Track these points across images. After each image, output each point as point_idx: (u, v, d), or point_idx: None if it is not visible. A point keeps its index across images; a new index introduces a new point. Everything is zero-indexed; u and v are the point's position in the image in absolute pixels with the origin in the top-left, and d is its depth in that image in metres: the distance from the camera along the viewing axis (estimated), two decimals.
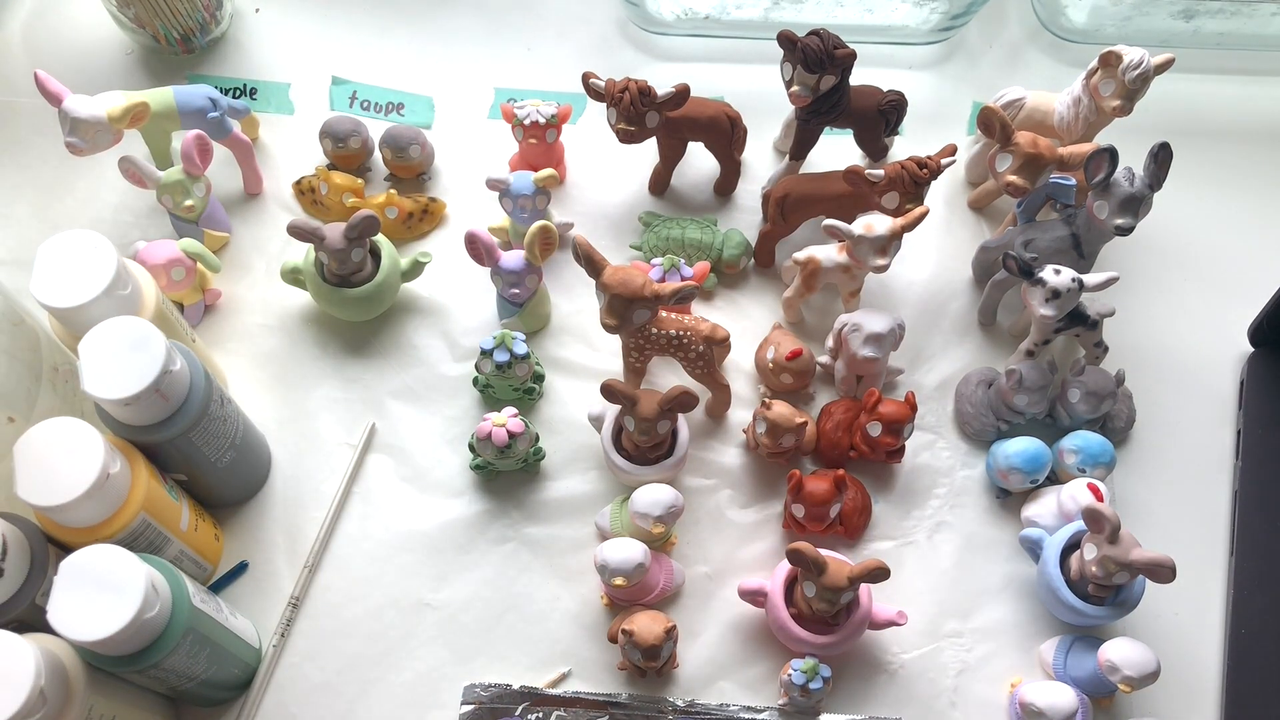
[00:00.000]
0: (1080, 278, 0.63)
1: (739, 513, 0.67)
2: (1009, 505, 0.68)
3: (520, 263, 0.67)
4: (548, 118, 0.71)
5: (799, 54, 0.65)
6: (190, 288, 0.68)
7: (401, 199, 0.74)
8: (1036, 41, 0.84)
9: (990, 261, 0.73)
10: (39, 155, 0.76)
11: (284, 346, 0.71)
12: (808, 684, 0.59)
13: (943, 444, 0.70)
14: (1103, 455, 0.65)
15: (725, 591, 0.65)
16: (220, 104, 0.71)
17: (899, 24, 0.81)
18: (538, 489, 0.68)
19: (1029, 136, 0.65)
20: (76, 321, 0.55)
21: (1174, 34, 0.81)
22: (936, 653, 0.64)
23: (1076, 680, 0.61)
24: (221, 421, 0.58)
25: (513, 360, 0.64)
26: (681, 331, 0.63)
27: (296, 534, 0.65)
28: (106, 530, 0.52)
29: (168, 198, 0.69)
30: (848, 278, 0.68)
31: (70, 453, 0.50)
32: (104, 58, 0.80)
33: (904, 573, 0.66)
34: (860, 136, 0.73)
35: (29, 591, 0.51)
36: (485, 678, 0.62)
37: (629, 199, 0.77)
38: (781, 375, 0.68)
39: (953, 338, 0.73)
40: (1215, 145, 0.80)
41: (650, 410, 0.59)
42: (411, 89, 0.80)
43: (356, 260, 0.66)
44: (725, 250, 0.73)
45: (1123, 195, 0.63)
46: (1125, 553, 0.56)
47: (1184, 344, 0.73)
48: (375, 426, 0.69)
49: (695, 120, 0.71)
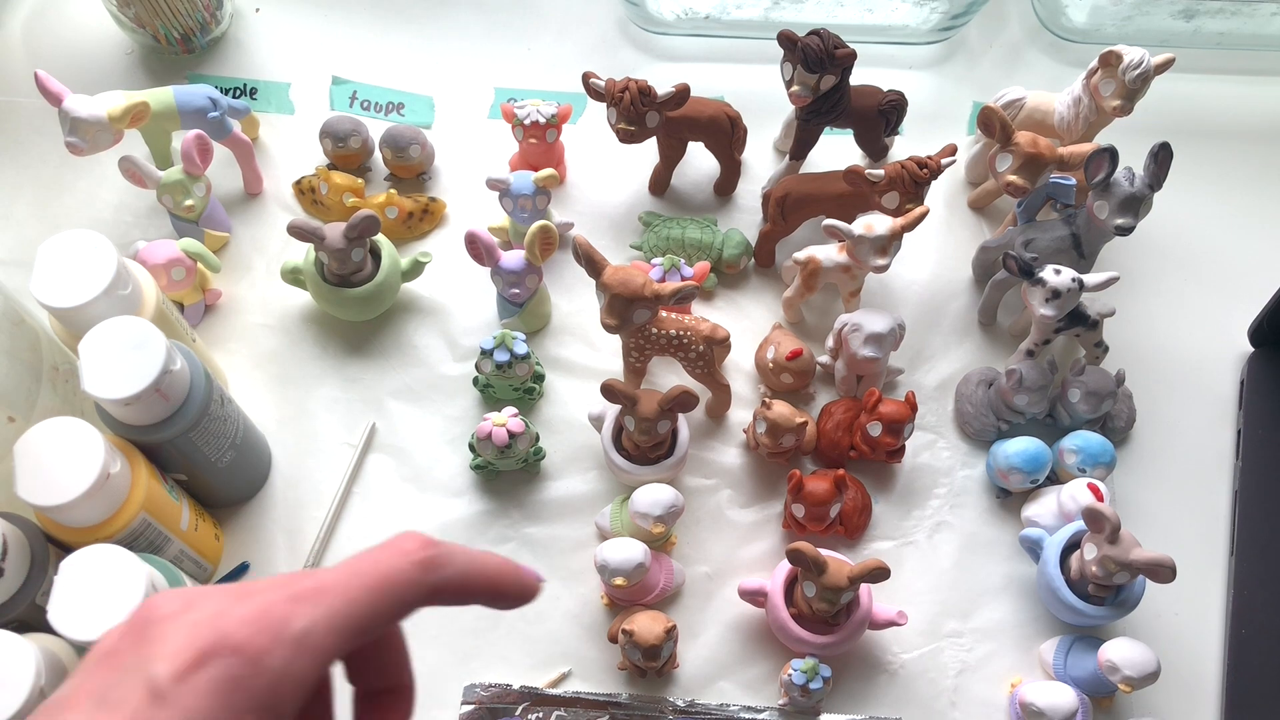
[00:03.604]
0: (1080, 278, 0.63)
1: (739, 513, 0.67)
2: (1009, 505, 0.68)
3: (520, 263, 0.66)
4: (548, 118, 0.71)
5: (799, 54, 0.65)
6: (190, 288, 0.68)
7: (401, 199, 0.74)
8: (1036, 41, 0.84)
9: (990, 261, 0.73)
10: (39, 155, 0.76)
11: (284, 346, 0.71)
12: (808, 684, 0.59)
13: (943, 444, 0.70)
14: (1103, 455, 0.65)
15: (725, 591, 0.65)
16: (220, 104, 0.71)
17: (899, 24, 0.81)
18: (538, 489, 0.68)
19: (1029, 136, 0.65)
20: (76, 321, 0.55)
21: (1174, 34, 0.81)
22: (936, 653, 0.64)
23: (1076, 680, 0.61)
24: (222, 421, 0.58)
25: (513, 360, 0.64)
26: (681, 331, 0.63)
27: (296, 534, 0.65)
28: (107, 530, 0.52)
29: (168, 198, 0.69)
30: (848, 278, 0.68)
31: (70, 453, 0.50)
32: (104, 58, 0.80)
33: (904, 573, 0.66)
34: (860, 136, 0.73)
35: (29, 591, 0.51)
36: (485, 678, 0.62)
37: (629, 199, 0.77)
38: (781, 375, 0.68)
39: (953, 338, 0.73)
40: (1215, 145, 0.80)
41: (650, 410, 0.59)
42: (411, 89, 0.80)
43: (356, 260, 0.66)
44: (725, 250, 0.73)
45: (1123, 195, 0.63)
46: (1125, 553, 0.56)
47: (1184, 344, 0.73)
48: (375, 426, 0.69)
49: (695, 120, 0.71)
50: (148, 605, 0.28)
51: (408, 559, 0.29)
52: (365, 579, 0.28)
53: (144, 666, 0.26)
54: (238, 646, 0.26)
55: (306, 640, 0.27)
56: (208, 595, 0.28)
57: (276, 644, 0.26)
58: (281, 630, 0.27)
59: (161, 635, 0.27)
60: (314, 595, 0.27)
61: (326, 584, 0.28)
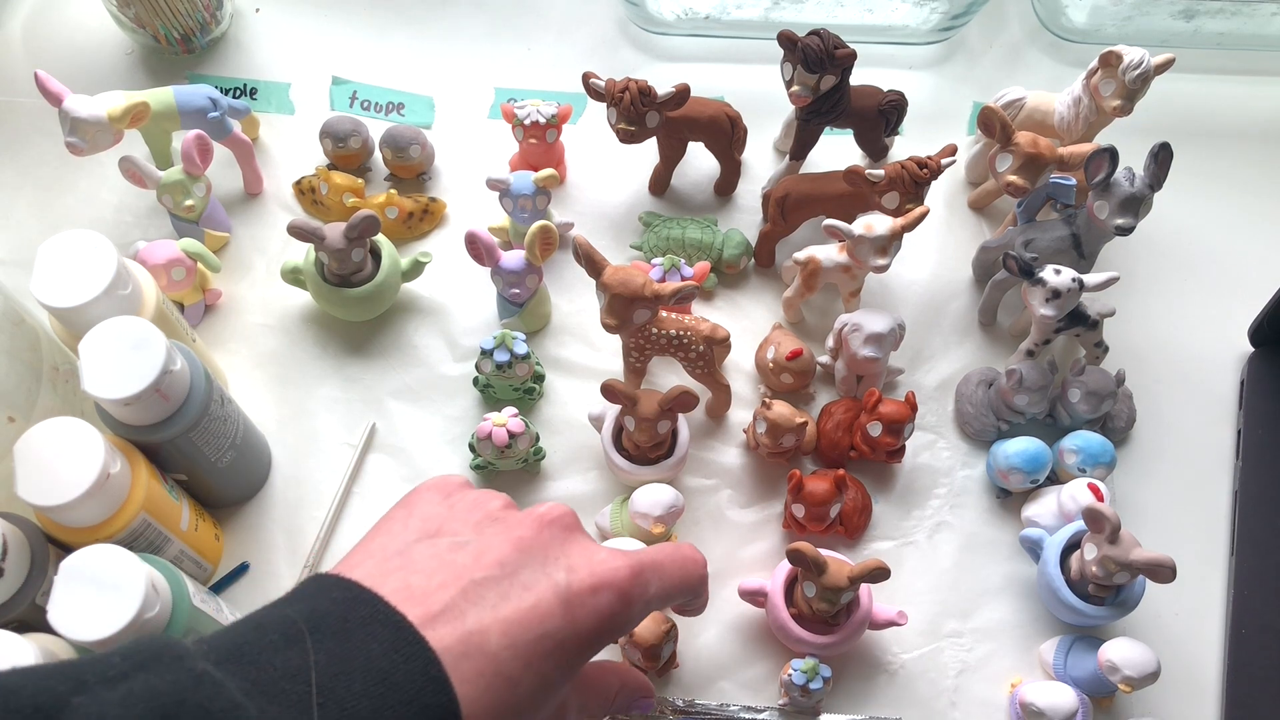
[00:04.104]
0: (1080, 278, 0.63)
1: (739, 513, 0.67)
2: (1009, 505, 0.68)
3: (520, 263, 0.66)
4: (548, 118, 0.71)
5: (799, 54, 0.65)
6: (190, 288, 0.68)
7: (401, 199, 0.74)
8: (1036, 41, 0.84)
9: (990, 261, 0.73)
10: (39, 155, 0.76)
11: (284, 346, 0.71)
12: (808, 684, 0.59)
13: (943, 444, 0.70)
14: (1103, 455, 0.65)
15: (725, 591, 0.65)
16: (220, 104, 0.71)
17: (899, 24, 0.81)
18: (538, 489, 0.68)
19: (1029, 136, 0.65)
20: (76, 321, 0.55)
21: (1174, 34, 0.81)
22: (936, 653, 0.64)
23: (1076, 680, 0.61)
24: (222, 421, 0.58)
25: (513, 360, 0.64)
26: (682, 331, 0.63)
27: (296, 534, 0.65)
28: (106, 530, 0.52)
29: (168, 198, 0.69)
30: (848, 278, 0.68)
31: (70, 453, 0.50)
32: (104, 58, 0.80)
33: (904, 573, 0.66)
34: (860, 136, 0.73)
35: (29, 591, 0.51)
36: None
37: (629, 199, 0.77)
38: (781, 375, 0.68)
39: (953, 338, 0.73)
40: (1215, 145, 0.80)
41: (650, 410, 0.59)
42: (411, 89, 0.80)
43: (356, 260, 0.66)
44: (725, 250, 0.73)
45: (1123, 195, 0.63)
46: (1125, 553, 0.56)
47: (1184, 344, 0.73)
48: (375, 426, 0.69)
49: (695, 120, 0.71)
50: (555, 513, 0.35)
51: (699, 561, 0.40)
52: (685, 566, 0.38)
53: (553, 571, 0.32)
54: (623, 592, 0.33)
55: (651, 603, 0.35)
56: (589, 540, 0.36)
57: (639, 600, 0.34)
58: (644, 592, 0.34)
59: (567, 551, 0.34)
60: (655, 569, 0.35)
61: (661, 561, 0.36)
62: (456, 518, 0.34)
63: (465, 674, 0.28)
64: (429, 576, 0.30)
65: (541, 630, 0.30)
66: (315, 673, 0.26)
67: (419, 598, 0.29)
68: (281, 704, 0.25)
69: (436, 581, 0.30)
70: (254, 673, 0.26)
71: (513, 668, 0.29)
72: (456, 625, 0.29)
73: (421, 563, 0.31)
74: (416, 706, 0.26)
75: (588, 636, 0.32)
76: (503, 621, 0.30)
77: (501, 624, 0.30)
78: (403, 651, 0.27)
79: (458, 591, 0.30)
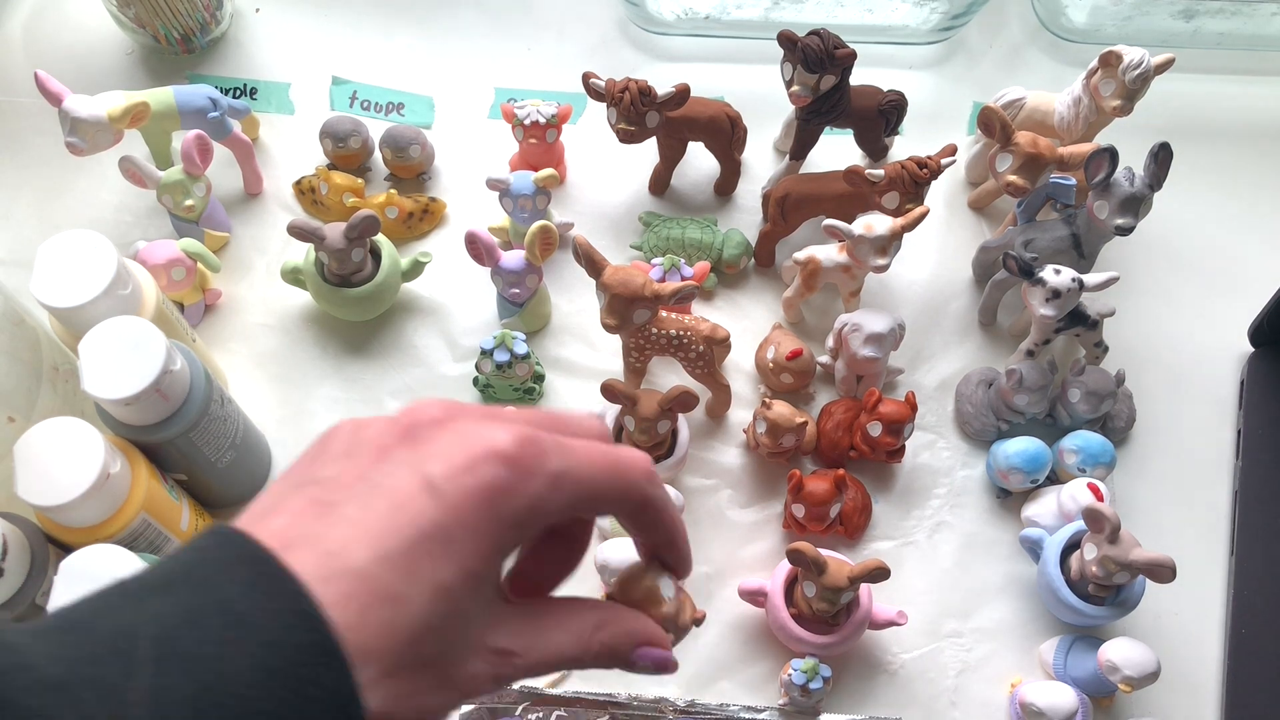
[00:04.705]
0: (1080, 278, 0.63)
1: (739, 513, 0.67)
2: (1009, 505, 0.68)
3: (520, 263, 0.66)
4: (548, 118, 0.71)
5: (799, 54, 0.65)
6: (190, 288, 0.68)
7: (401, 199, 0.74)
8: (1036, 41, 0.84)
9: (990, 261, 0.73)
10: (39, 155, 0.76)
11: (284, 346, 0.71)
12: (808, 684, 0.59)
13: (943, 444, 0.70)
14: (1103, 455, 0.65)
15: (725, 591, 0.65)
16: (220, 104, 0.71)
17: (899, 24, 0.81)
18: None
19: (1029, 136, 0.65)
20: (76, 321, 0.55)
21: (1174, 34, 0.81)
22: (936, 653, 0.64)
23: (1076, 680, 0.61)
24: (222, 421, 0.58)
25: (513, 360, 0.64)
26: (681, 331, 0.63)
27: None
28: (107, 530, 0.52)
29: (168, 198, 0.69)
30: (848, 278, 0.68)
31: (70, 453, 0.50)
32: (104, 58, 0.80)
33: (904, 573, 0.66)
34: (860, 136, 0.73)
35: (29, 591, 0.51)
36: None
37: (629, 199, 0.77)
38: (781, 375, 0.68)
39: (953, 338, 0.73)
40: (1215, 145, 0.80)
41: (650, 410, 0.59)
42: (411, 89, 0.80)
43: (356, 260, 0.66)
44: (725, 250, 0.73)
45: (1123, 195, 0.63)
46: (1125, 553, 0.56)
47: (1184, 344, 0.73)
48: None
49: (695, 120, 0.71)
50: (413, 410, 0.29)
51: (640, 462, 0.31)
52: (607, 457, 0.30)
53: (417, 463, 0.27)
54: (508, 459, 0.27)
55: (560, 482, 0.28)
56: (466, 410, 0.30)
57: (538, 471, 0.28)
58: (541, 462, 0.28)
59: (431, 437, 0.28)
60: (562, 449, 0.28)
61: (571, 446, 0.29)
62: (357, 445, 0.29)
63: (332, 599, 0.24)
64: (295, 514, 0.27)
65: (414, 530, 0.26)
66: (157, 625, 0.23)
67: (279, 532, 0.26)
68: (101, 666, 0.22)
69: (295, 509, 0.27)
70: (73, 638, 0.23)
71: (390, 581, 0.25)
72: (315, 548, 0.25)
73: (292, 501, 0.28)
74: (286, 648, 0.23)
75: (477, 523, 0.27)
76: (365, 532, 0.26)
77: (364, 534, 0.26)
78: (262, 588, 0.24)
79: (313, 516, 0.26)
